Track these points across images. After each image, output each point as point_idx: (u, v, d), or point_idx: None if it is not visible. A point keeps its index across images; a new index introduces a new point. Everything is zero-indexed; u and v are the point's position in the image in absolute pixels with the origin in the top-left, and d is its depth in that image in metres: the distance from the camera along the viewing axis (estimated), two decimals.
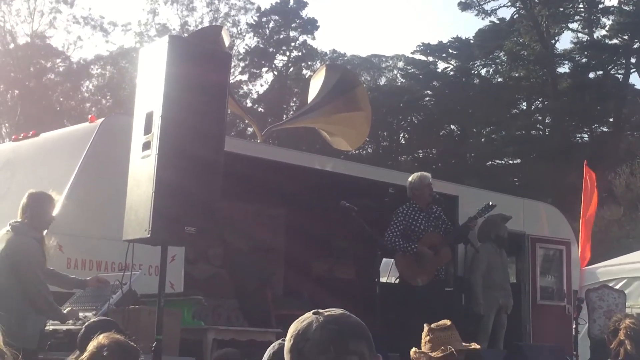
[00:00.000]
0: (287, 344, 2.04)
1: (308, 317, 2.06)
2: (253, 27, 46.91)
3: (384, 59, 50.31)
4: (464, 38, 46.08)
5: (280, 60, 47.86)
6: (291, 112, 38.75)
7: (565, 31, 43.48)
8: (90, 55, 51.27)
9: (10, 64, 40.85)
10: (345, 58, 48.33)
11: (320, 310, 2.07)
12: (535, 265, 11.34)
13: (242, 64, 45.95)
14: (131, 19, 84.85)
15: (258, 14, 46.79)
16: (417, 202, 9.29)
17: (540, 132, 43.86)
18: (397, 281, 9.60)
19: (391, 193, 10.27)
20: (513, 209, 11.10)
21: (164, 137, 5.48)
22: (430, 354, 4.64)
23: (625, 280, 12.44)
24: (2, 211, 7.76)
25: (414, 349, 4.79)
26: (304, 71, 46.57)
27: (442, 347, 4.62)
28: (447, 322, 4.81)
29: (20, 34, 42.05)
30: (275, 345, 3.01)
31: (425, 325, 4.82)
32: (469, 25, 79.03)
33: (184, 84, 5.64)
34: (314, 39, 47.34)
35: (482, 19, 44.71)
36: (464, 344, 4.74)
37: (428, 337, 4.74)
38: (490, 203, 9.49)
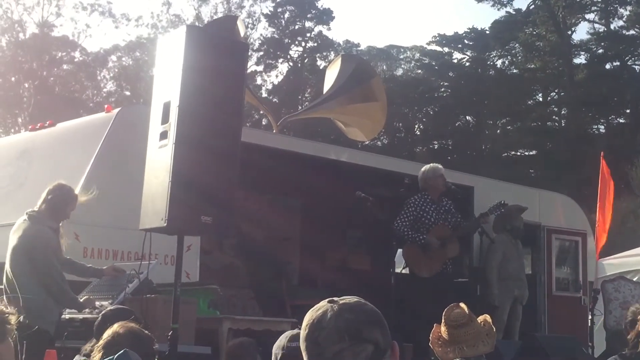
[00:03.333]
0: (303, 332, 2.04)
1: (323, 305, 2.05)
2: (268, 17, 46.88)
3: (400, 50, 50.18)
4: (479, 29, 45.95)
5: (295, 50, 47.89)
6: (306, 103, 38.71)
7: (581, 22, 43.27)
8: (104, 45, 51.36)
9: (20, 54, 40.99)
10: (360, 49, 48.25)
11: (336, 299, 2.06)
12: (550, 257, 11.31)
13: (257, 55, 45.97)
14: (143, 11, 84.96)
15: (274, 4, 46.79)
16: (429, 193, 9.31)
17: (556, 124, 43.68)
18: (404, 270, 9.62)
19: (406, 183, 10.27)
20: (529, 200, 11.08)
21: (181, 126, 5.49)
22: (442, 349, 4.64)
23: None
24: (20, 200, 7.82)
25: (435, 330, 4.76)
26: (319, 62, 46.52)
27: (451, 350, 4.60)
28: (464, 315, 4.74)
29: (29, 24, 42.30)
30: (292, 332, 3.02)
31: (443, 313, 4.79)
32: (485, 16, 78.53)
33: (201, 74, 5.66)
34: (329, 29, 47.32)
35: (498, 9, 44.56)
36: (478, 342, 4.69)
37: (444, 329, 4.72)
38: (503, 201, 9.52)
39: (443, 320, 4.75)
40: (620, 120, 42.33)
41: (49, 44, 42.26)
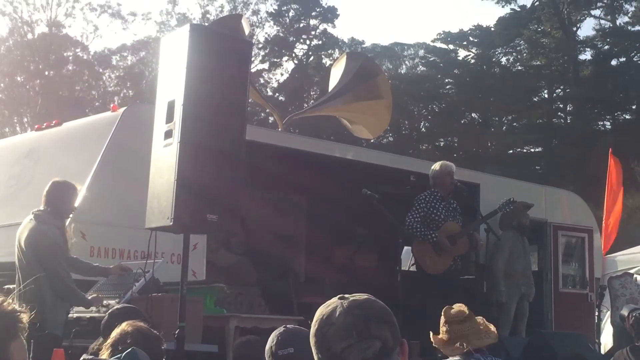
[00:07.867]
0: (312, 328, 2.06)
1: (333, 302, 2.07)
2: (273, 15, 46.89)
3: (405, 47, 50.14)
4: (484, 26, 45.76)
5: (300, 49, 47.84)
6: (311, 101, 38.70)
7: (587, 18, 43.15)
8: (111, 45, 51.38)
9: (28, 54, 41.04)
10: (364, 46, 48.22)
11: (346, 295, 2.08)
12: (557, 253, 11.31)
13: (262, 53, 45.97)
14: (151, 9, 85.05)
15: (278, 3, 46.77)
16: (439, 190, 9.30)
17: (562, 120, 43.59)
18: (412, 267, 9.62)
19: (412, 181, 10.27)
20: (535, 196, 11.07)
21: (186, 125, 5.50)
22: (448, 348, 4.65)
23: None
24: (26, 199, 7.83)
25: (434, 336, 4.79)
26: (324, 60, 46.51)
27: (459, 344, 4.61)
28: (465, 311, 4.77)
29: (38, 24, 42.33)
30: (281, 328, 3.01)
31: (442, 313, 4.81)
32: (490, 13, 78.55)
33: (205, 73, 5.66)
34: (334, 27, 47.30)
35: (503, 6, 44.35)
36: (482, 335, 4.72)
37: (445, 328, 4.73)
38: (512, 199, 9.52)
39: (443, 320, 4.77)
40: (627, 117, 42.20)
41: (57, 44, 42.28)
